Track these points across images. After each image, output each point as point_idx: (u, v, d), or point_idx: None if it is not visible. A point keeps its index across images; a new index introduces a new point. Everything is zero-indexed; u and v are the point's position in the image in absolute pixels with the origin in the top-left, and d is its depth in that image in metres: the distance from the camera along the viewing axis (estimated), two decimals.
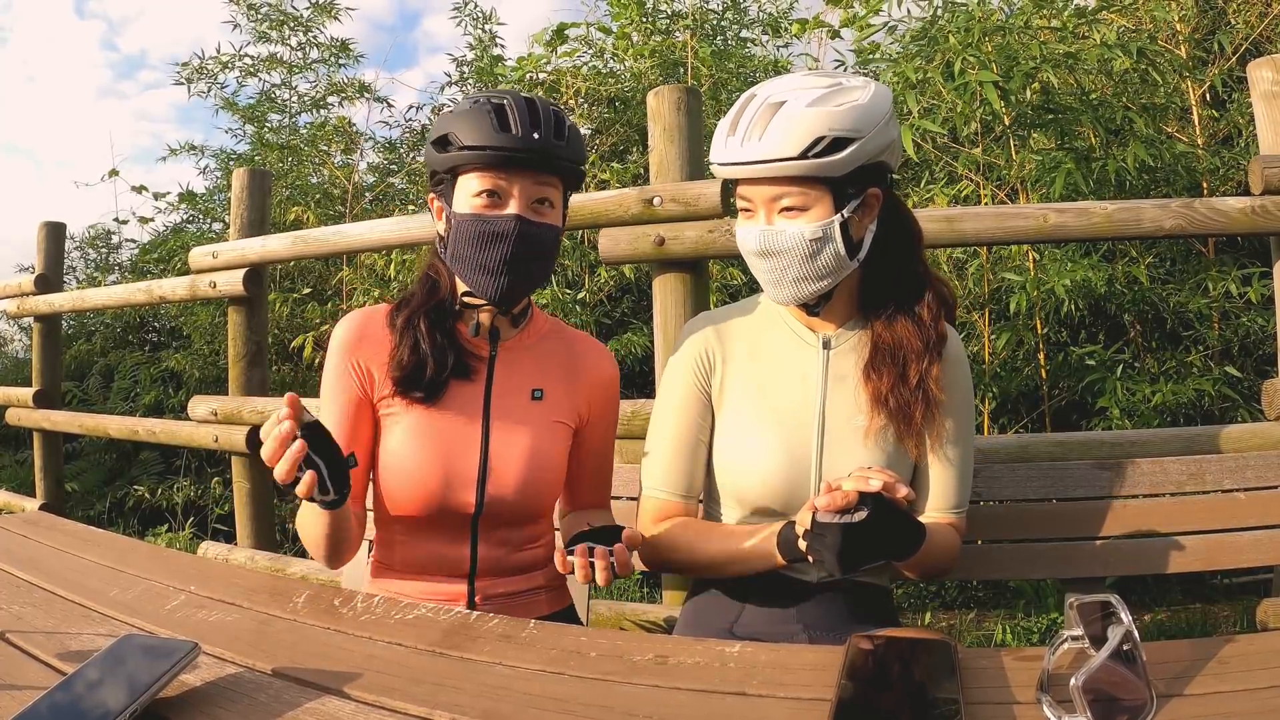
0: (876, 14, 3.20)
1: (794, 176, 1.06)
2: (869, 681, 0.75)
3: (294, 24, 5.57)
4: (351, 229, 2.68)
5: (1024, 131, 3.05)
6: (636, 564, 1.09)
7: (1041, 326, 3.07)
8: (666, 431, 1.22)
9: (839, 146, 1.04)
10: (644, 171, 3.75)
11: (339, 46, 5.70)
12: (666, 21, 4.65)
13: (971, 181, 3.18)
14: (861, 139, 1.05)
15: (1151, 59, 2.98)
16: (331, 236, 2.72)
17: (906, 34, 3.10)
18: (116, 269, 6.26)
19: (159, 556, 1.23)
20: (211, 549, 2.90)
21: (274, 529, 3.02)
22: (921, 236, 1.19)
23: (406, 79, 20.32)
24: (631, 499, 1.44)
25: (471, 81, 5.38)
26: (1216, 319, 3.16)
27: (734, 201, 1.16)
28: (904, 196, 3.27)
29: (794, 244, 1.08)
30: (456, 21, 5.45)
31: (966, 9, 2.90)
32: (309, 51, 5.73)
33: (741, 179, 1.10)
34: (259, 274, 2.87)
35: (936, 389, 1.12)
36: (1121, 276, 3.01)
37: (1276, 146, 1.90)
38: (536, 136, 1.09)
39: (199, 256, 2.96)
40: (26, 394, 3.88)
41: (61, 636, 0.87)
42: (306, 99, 5.78)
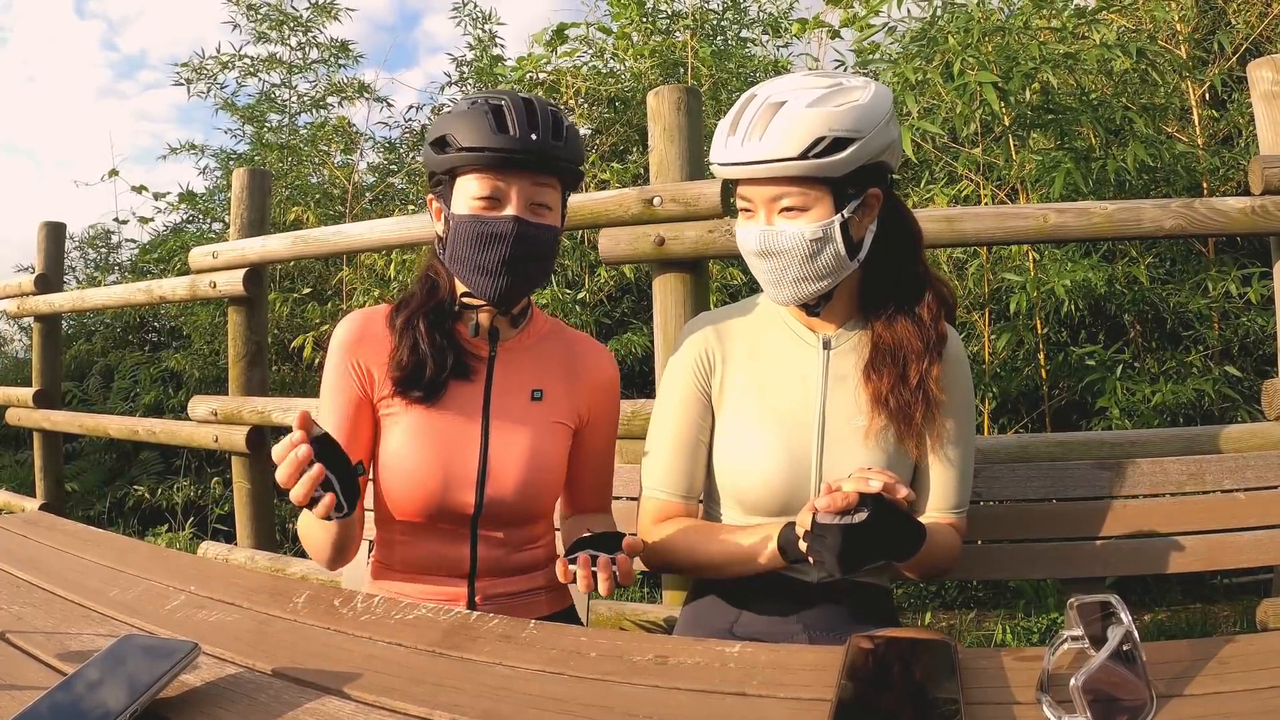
0: (876, 14, 3.20)
1: (794, 177, 1.06)
2: (869, 682, 0.75)
3: (294, 24, 5.57)
4: (351, 229, 2.68)
5: (1024, 132, 3.05)
6: (637, 567, 1.09)
7: (1041, 326, 3.07)
8: (666, 432, 1.22)
9: (839, 147, 1.04)
10: (644, 171, 3.75)
11: (339, 47, 5.70)
12: (666, 21, 4.64)
13: (971, 182, 3.17)
14: (862, 139, 1.05)
15: (1151, 59, 2.98)
16: (331, 236, 2.72)
17: (906, 34, 3.10)
18: (116, 269, 6.26)
19: (159, 556, 1.23)
20: (211, 549, 2.90)
21: (274, 529, 3.02)
22: (921, 237, 1.19)
23: (406, 79, 20.35)
24: (632, 499, 1.44)
25: (471, 81, 5.38)
26: (1216, 319, 3.16)
27: (734, 201, 1.16)
28: (904, 197, 3.27)
29: (794, 244, 1.08)
30: (456, 21, 5.45)
31: (966, 9, 2.90)
32: (309, 52, 5.73)
33: (742, 179, 1.10)
34: (259, 274, 2.87)
35: (937, 389, 1.12)
36: (1121, 276, 3.01)
37: (1276, 146, 1.90)
38: (534, 137, 1.09)
39: (199, 256, 2.96)
40: (26, 394, 3.88)
41: (61, 636, 0.87)
42: (306, 99, 5.77)
